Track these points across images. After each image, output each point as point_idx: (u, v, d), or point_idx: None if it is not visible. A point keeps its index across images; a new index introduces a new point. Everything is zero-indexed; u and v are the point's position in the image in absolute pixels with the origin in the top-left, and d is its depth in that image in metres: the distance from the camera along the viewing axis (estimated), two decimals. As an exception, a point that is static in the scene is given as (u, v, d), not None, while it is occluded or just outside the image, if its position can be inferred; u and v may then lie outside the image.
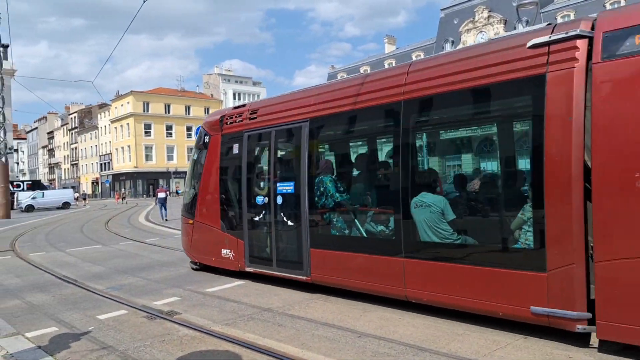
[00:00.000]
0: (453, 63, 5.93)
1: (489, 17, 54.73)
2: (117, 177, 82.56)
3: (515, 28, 49.19)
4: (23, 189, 56.21)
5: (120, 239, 17.51)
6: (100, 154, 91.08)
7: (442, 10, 61.29)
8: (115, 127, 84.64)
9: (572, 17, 45.61)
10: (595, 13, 5.17)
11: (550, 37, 5.01)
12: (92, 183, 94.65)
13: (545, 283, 4.95)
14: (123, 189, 75.48)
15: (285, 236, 8.16)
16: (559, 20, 46.02)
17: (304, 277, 7.67)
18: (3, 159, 37.47)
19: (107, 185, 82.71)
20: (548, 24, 5.43)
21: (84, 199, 65.05)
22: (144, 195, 75.44)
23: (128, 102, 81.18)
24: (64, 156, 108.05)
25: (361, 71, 57.29)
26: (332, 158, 8.10)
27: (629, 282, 4.39)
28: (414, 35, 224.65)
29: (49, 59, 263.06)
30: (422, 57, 46.35)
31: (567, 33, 4.87)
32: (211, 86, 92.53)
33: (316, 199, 7.49)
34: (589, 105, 4.70)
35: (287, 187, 7.99)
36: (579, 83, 4.77)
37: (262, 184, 8.78)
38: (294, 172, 7.91)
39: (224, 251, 9.21)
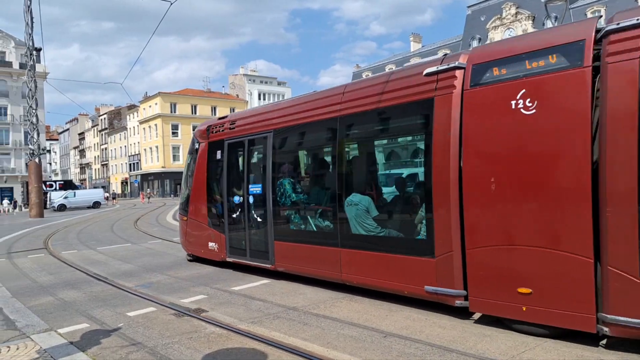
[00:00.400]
0: (373, 86, 7.17)
1: (516, 13, 53.77)
2: (146, 177, 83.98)
3: (543, 25, 48.26)
4: (55, 189, 57.71)
5: (149, 238, 17.81)
6: (129, 154, 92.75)
7: (468, 7, 60.49)
8: (144, 128, 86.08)
9: (602, 12, 44.51)
10: (625, 8, 5.07)
11: (438, 67, 6.17)
12: (122, 183, 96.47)
13: (434, 267, 6.10)
14: (149, 189, 76.70)
15: (255, 231, 9.43)
16: (589, 15, 44.92)
17: (269, 266, 8.93)
18: (36, 160, 38.53)
19: (136, 185, 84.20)
20: (444, 55, 6.47)
21: (114, 199, 66.40)
22: (172, 195, 76.54)
23: (156, 103, 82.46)
24: (95, 156, 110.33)
25: (387, 69, 57.01)
26: (290, 163, 9.21)
27: (488, 266, 5.55)
28: (441, 33, 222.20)
29: (79, 61, 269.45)
30: (449, 53, 45.83)
31: (448, 65, 6.05)
32: (237, 87, 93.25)
33: (278, 198, 8.79)
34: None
35: (257, 189, 9.31)
36: (456, 105, 5.87)
37: (238, 185, 9.95)
38: (262, 175, 9.21)
39: (210, 244, 10.54)
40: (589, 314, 4.83)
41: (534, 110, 5.17)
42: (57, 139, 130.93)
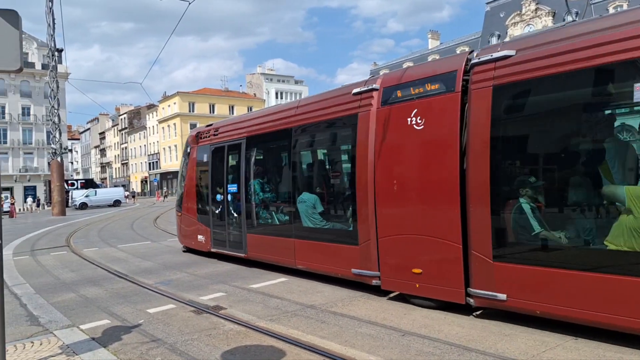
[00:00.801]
0: (319, 102, 8.57)
1: (536, 9, 53.07)
2: (165, 176, 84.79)
3: (564, 20, 47.50)
4: (77, 188, 58.63)
5: (168, 236, 17.97)
6: (149, 153, 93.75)
7: (487, 3, 59.87)
8: (163, 127, 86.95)
9: (624, 7, 43.61)
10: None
11: (361, 88, 7.48)
12: (141, 182, 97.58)
13: (358, 253, 7.43)
14: (165, 188, 77.42)
15: (233, 224, 10.91)
16: (611, 10, 44.09)
17: (243, 255, 10.39)
18: (58, 159, 39.20)
19: (156, 183, 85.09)
20: (371, 77, 7.79)
21: (133, 197, 67.22)
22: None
23: (175, 103, 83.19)
24: (115, 156, 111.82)
25: (404, 67, 56.62)
26: (259, 166, 10.53)
27: (393, 251, 6.89)
28: (459, 30, 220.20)
29: (100, 62, 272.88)
30: (466, 50, 45.18)
31: (368, 87, 7.40)
32: (254, 86, 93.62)
33: (249, 196, 10.29)
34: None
35: (234, 188, 10.80)
36: (372, 120, 7.20)
37: (220, 185, 11.36)
38: (238, 176, 10.65)
39: (199, 237, 12.16)
40: (460, 289, 6.05)
41: (422, 126, 6.48)
42: (79, 139, 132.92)
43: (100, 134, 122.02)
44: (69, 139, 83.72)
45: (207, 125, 12.45)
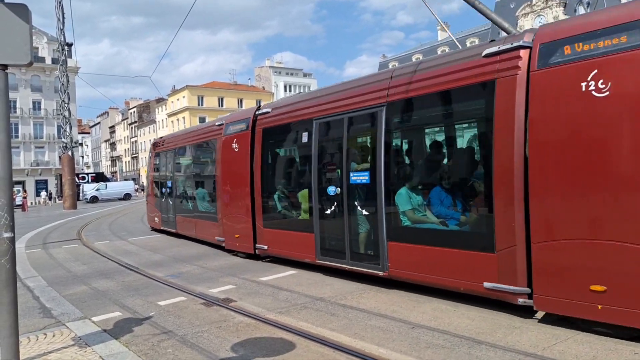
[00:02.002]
0: (199, 130, 13.81)
1: (547, 0, 52.32)
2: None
3: (575, 11, 46.88)
4: (88, 181, 59.13)
5: (177, 229, 18.06)
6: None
7: (497, -6, 59.11)
8: (172, 121, 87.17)
9: (639, -4, 42.82)
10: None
11: (217, 124, 12.11)
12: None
13: (217, 227, 11.80)
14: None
15: (170, 209, 15.47)
16: (623, 1, 43.41)
17: (174, 230, 14.98)
18: (69, 153, 39.51)
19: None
20: (228, 114, 13.31)
21: (143, 191, 67.57)
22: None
23: (184, 97, 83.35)
24: (125, 149, 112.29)
25: (413, 59, 56.16)
26: (185, 168, 15.11)
27: (229, 226, 11.17)
28: (469, 22, 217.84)
29: (110, 56, 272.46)
30: (476, 42, 44.45)
31: (219, 123, 11.89)
32: (262, 79, 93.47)
33: (178, 189, 15.13)
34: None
35: (170, 182, 15.62)
36: (221, 144, 11.48)
37: (164, 180, 16.17)
38: (172, 175, 15.52)
39: (155, 219, 16.95)
40: (252, 245, 10.20)
41: (237, 150, 10.58)
42: (89, 133, 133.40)
43: (110, 127, 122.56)
44: (79, 133, 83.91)
45: (161, 137, 18.01)
